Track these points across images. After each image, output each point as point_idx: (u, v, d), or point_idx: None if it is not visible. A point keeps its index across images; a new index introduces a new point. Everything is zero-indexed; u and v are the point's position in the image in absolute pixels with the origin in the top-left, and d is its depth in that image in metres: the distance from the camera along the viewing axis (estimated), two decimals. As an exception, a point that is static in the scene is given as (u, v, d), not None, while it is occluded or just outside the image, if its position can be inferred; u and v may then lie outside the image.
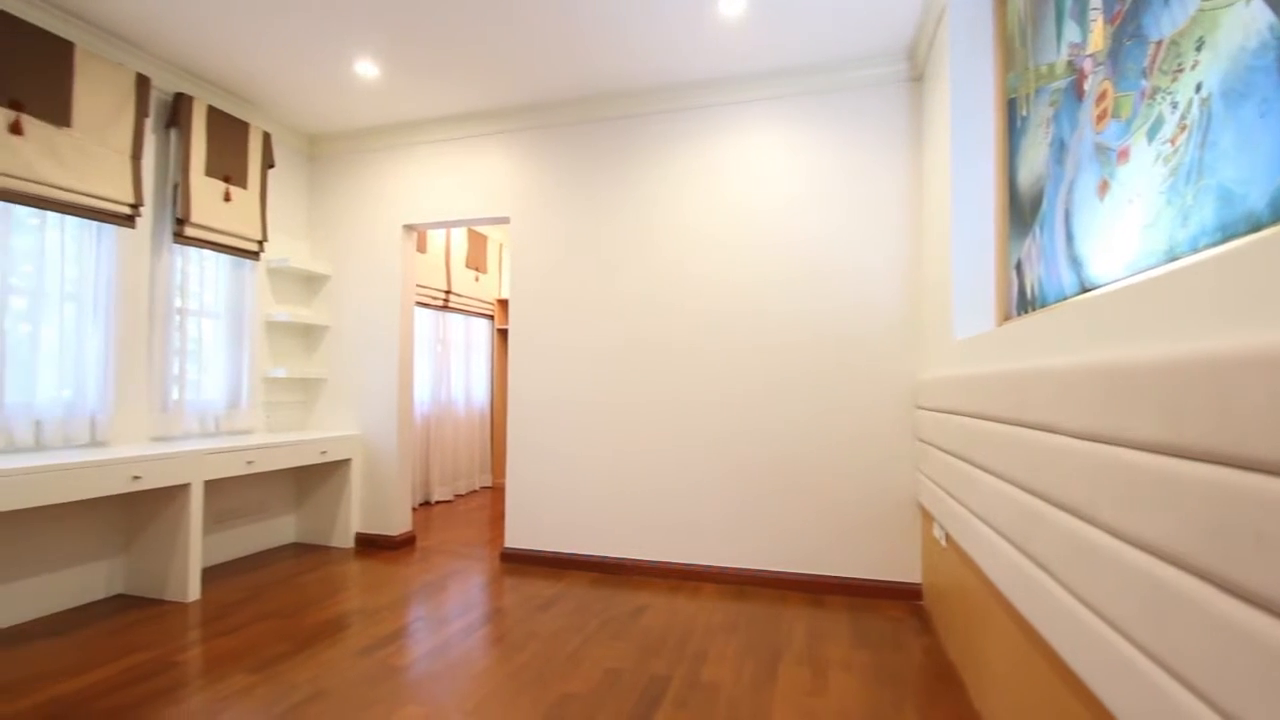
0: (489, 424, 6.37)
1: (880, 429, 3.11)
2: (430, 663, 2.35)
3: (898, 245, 3.13)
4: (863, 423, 3.14)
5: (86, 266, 2.97)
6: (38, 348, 2.80)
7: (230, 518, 3.68)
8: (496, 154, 3.83)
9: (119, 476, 2.66)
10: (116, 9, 2.78)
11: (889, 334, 3.12)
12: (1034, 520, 1.32)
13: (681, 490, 3.39)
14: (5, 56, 2.58)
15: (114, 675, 2.23)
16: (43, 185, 2.69)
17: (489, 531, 4.42)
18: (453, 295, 5.60)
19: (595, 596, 3.09)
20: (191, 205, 3.31)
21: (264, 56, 3.17)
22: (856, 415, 3.15)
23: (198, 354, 3.53)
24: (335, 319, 4.17)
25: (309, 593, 3.12)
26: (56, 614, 2.81)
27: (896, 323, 3.11)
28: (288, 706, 2.02)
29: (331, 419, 4.14)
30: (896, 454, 3.09)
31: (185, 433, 3.40)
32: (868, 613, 2.89)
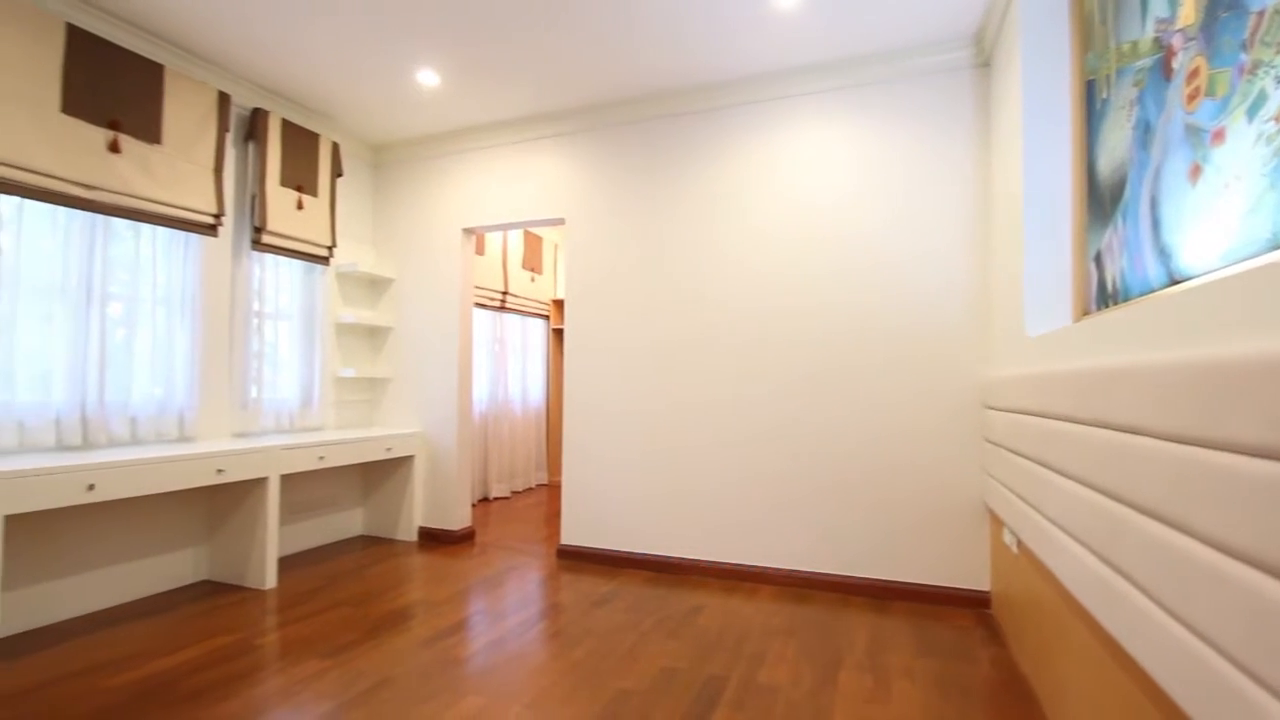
0: (544, 422, 6.47)
1: (945, 429, 3.00)
2: (490, 655, 2.40)
3: (962, 239, 3.00)
4: (926, 422, 3.03)
5: (175, 274, 3.18)
6: (133, 350, 3.01)
7: (303, 510, 3.87)
8: (552, 156, 3.89)
9: (205, 470, 2.83)
10: (201, 31, 2.96)
11: (954, 331, 3.00)
12: (1119, 528, 1.24)
13: (738, 490, 3.36)
14: (105, 80, 2.79)
15: (200, 656, 2.38)
16: (138, 199, 2.90)
17: (545, 528, 4.50)
18: (509, 296, 5.72)
19: (650, 595, 3.10)
20: (268, 214, 3.49)
21: (334, 71, 3.31)
22: (920, 414, 3.04)
23: (273, 355, 3.72)
24: (399, 320, 4.32)
25: (375, 584, 3.25)
26: (150, 597, 3.02)
27: (962, 319, 2.99)
28: (357, 693, 2.11)
29: (396, 417, 4.29)
30: (962, 455, 2.97)
31: (263, 429, 3.59)
32: (932, 620, 2.79)
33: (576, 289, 3.81)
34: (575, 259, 3.82)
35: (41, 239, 2.69)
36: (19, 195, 2.52)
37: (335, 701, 2.05)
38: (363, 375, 4.13)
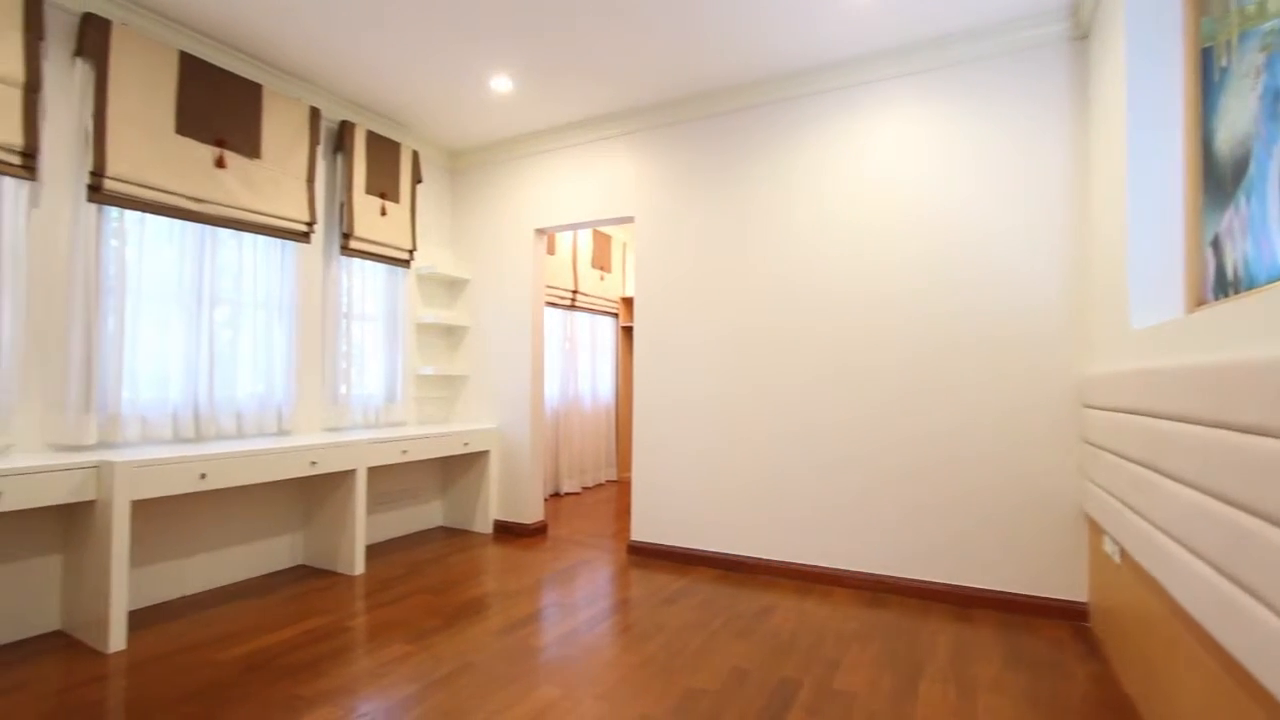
0: (614, 419, 6.54)
1: (1037, 429, 2.82)
2: (563, 646, 2.45)
3: (1057, 225, 2.81)
4: (1017, 421, 2.86)
5: (273, 278, 3.41)
6: (238, 350, 3.26)
7: (388, 501, 4.07)
8: (621, 155, 3.92)
9: (300, 461, 3.03)
10: (295, 51, 3.16)
11: (1048, 323, 2.81)
12: (1242, 539, 1.13)
13: (812, 489, 3.28)
14: (212, 102, 3.02)
15: (298, 635, 2.55)
16: (241, 210, 3.13)
17: (614, 524, 4.54)
18: (579, 295, 5.80)
19: (720, 593, 3.07)
20: (355, 221, 3.69)
21: (414, 83, 3.46)
22: (1009, 413, 2.87)
23: (360, 354, 3.93)
24: (474, 320, 4.47)
25: (455, 573, 3.38)
26: (253, 579, 3.26)
27: (1057, 311, 2.80)
28: (439, 676, 2.20)
29: (472, 413, 4.44)
30: (1057, 457, 2.78)
31: (351, 424, 3.80)
32: (1022, 631, 2.63)
33: (646, 286, 3.82)
34: (645, 256, 3.83)
35: (159, 250, 2.95)
36: (141, 210, 2.77)
37: (420, 684, 2.14)
38: (441, 373, 4.29)
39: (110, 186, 2.67)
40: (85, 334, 2.66)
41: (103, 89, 2.65)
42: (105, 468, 2.40)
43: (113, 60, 2.68)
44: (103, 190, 2.65)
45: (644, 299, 3.82)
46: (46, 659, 2.31)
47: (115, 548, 2.37)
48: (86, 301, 2.66)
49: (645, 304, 3.82)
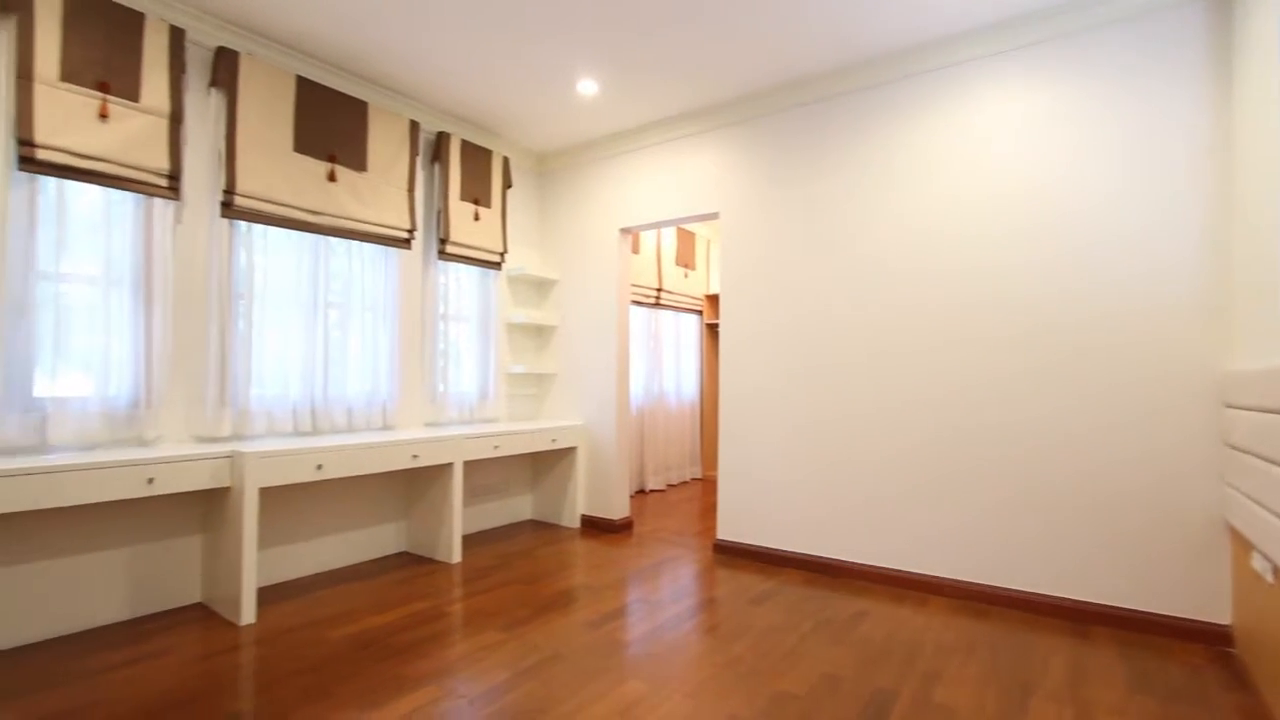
0: (698, 417, 6.52)
1: (1169, 429, 2.55)
2: (650, 642, 2.47)
3: (1193, 207, 2.53)
4: (1144, 421, 2.60)
5: (378, 283, 3.64)
6: (347, 350, 3.50)
7: (482, 494, 4.26)
8: (705, 151, 3.89)
9: (403, 455, 3.22)
10: (397, 69, 3.36)
11: (1181, 316, 2.54)
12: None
13: (908, 492, 3.13)
14: (324, 120, 3.26)
15: (403, 617, 2.71)
16: (351, 220, 3.37)
17: (699, 522, 4.53)
18: (664, 293, 5.82)
19: (809, 596, 2.99)
20: (450, 227, 3.88)
21: (505, 92, 3.59)
22: (1135, 412, 2.62)
23: (455, 353, 4.13)
24: (562, 319, 4.58)
25: (544, 565, 3.48)
26: (361, 563, 3.50)
27: (1192, 303, 2.53)
28: (530, 665, 2.27)
29: (560, 410, 4.56)
30: (1193, 460, 2.51)
31: (448, 420, 4.00)
32: (1150, 653, 2.40)
33: (732, 282, 3.78)
34: (730, 252, 3.79)
35: (280, 259, 3.22)
36: (265, 223, 3.04)
37: (512, 671, 2.22)
38: (531, 371, 4.44)
39: (240, 203, 2.94)
40: (220, 337, 2.95)
41: (233, 114, 2.93)
42: (237, 458, 2.66)
43: (241, 88, 2.95)
44: (233, 206, 2.93)
45: (730, 295, 3.79)
46: (190, 628, 2.58)
47: (246, 530, 2.61)
48: (220, 307, 2.95)
49: (731, 300, 3.78)
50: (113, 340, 2.65)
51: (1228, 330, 2.45)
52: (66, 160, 2.43)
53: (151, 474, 2.45)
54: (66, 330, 2.55)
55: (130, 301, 2.69)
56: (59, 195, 2.52)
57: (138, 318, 2.70)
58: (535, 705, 1.99)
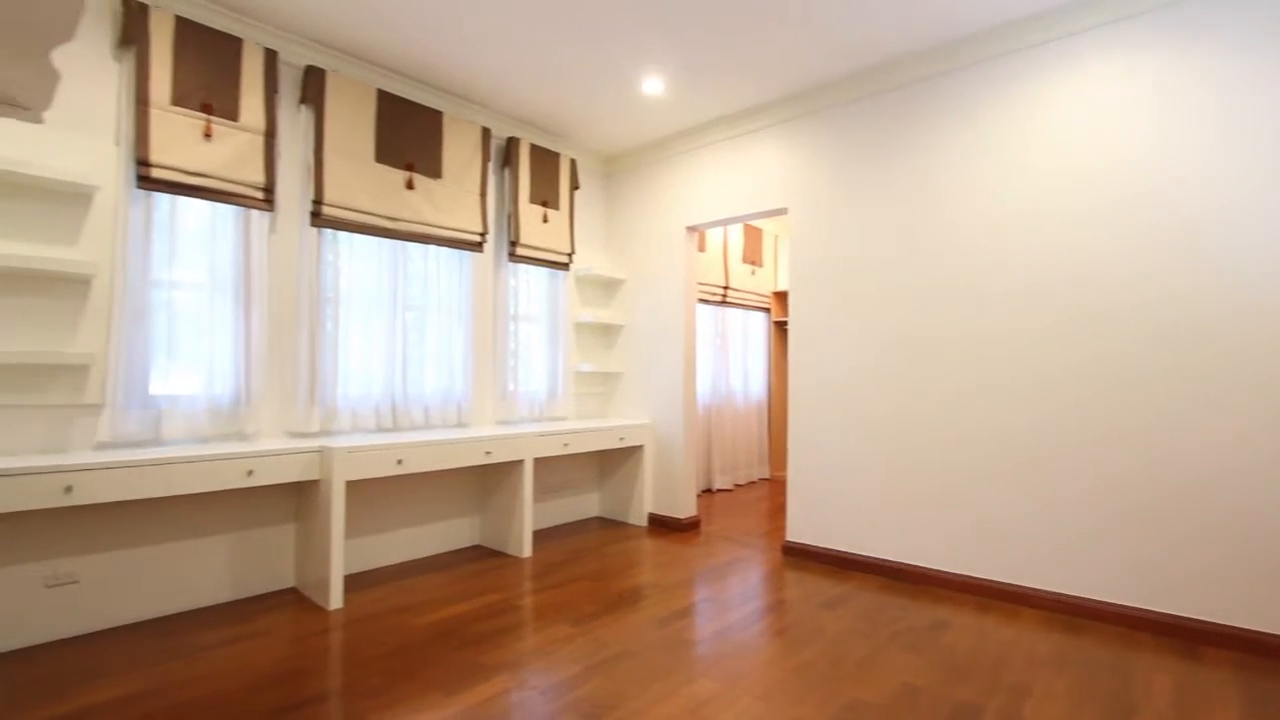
0: (766, 416, 6.42)
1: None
2: (719, 642, 2.45)
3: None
4: (1264, 423, 2.37)
5: (452, 285, 3.78)
6: (424, 350, 3.65)
7: (551, 491, 4.34)
8: (772, 146, 3.83)
9: (477, 451, 3.33)
10: (469, 78, 3.47)
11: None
12: None
13: (993, 497, 2.98)
14: (402, 131, 3.41)
15: (478, 608, 2.80)
16: (427, 225, 3.51)
17: (768, 523, 4.46)
18: (730, 290, 5.77)
19: (885, 603, 2.89)
20: (520, 229, 3.98)
21: (572, 95, 3.65)
22: (1255, 413, 2.39)
23: (525, 352, 4.23)
24: (629, 318, 4.62)
25: (612, 562, 3.52)
26: (437, 554, 3.64)
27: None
28: (600, 660, 2.30)
29: (627, 408, 4.60)
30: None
31: (518, 418, 4.11)
32: (1273, 679, 2.18)
33: (801, 279, 3.70)
34: (799, 248, 3.71)
35: (362, 264, 3.39)
36: (349, 231, 3.21)
37: (583, 665, 2.26)
38: (598, 370, 4.49)
39: (327, 212, 3.12)
40: (310, 338, 3.13)
41: (320, 129, 3.11)
42: (326, 452, 2.82)
43: (328, 103, 3.13)
44: (321, 215, 3.11)
45: (799, 292, 3.70)
46: (284, 611, 2.76)
47: (334, 520, 2.76)
48: (310, 311, 3.14)
49: (800, 297, 3.70)
50: (216, 342, 2.87)
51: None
52: (176, 177, 2.65)
53: (251, 466, 2.64)
54: (177, 333, 2.78)
55: (231, 306, 2.90)
56: (170, 210, 2.74)
57: (238, 321, 2.91)
58: (606, 700, 2.01)
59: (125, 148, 2.61)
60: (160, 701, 1.99)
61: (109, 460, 2.30)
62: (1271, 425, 2.35)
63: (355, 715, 1.92)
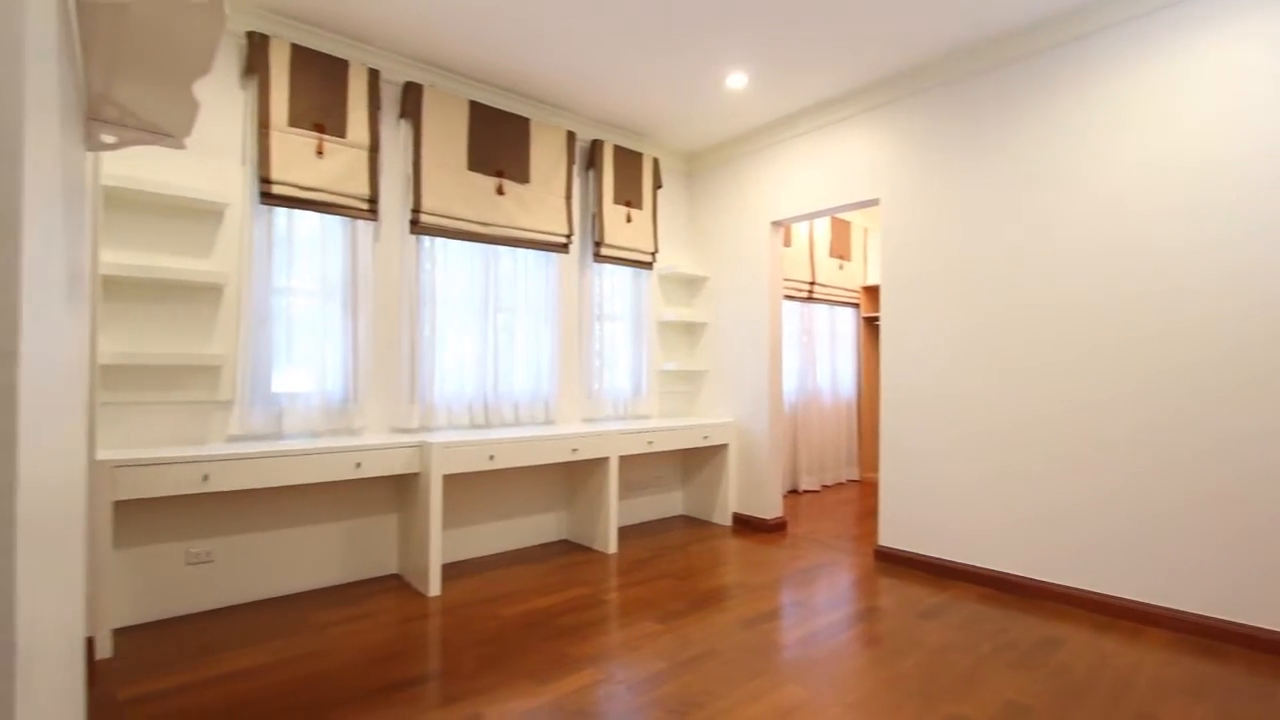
0: (855, 415, 6.19)
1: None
2: (808, 647, 2.39)
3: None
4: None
5: (539, 286, 3.89)
6: (514, 350, 3.78)
7: (635, 488, 4.39)
8: (862, 135, 3.68)
9: (564, 448, 3.41)
10: (555, 85, 3.56)
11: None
12: None
13: (1115, 505, 2.73)
14: (492, 139, 3.55)
15: (565, 601, 2.87)
16: (516, 229, 3.63)
17: (857, 527, 4.30)
18: (817, 286, 5.61)
19: (988, 615, 2.72)
20: (605, 230, 4.04)
21: (656, 96, 3.66)
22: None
23: (610, 351, 4.29)
24: (713, 316, 4.58)
25: (697, 561, 3.51)
26: (526, 548, 3.76)
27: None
28: (686, 658, 2.30)
29: (711, 407, 4.57)
30: None
31: (603, 416, 4.17)
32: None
33: (894, 273, 3.54)
34: (892, 241, 3.55)
35: (456, 267, 3.55)
36: (444, 237, 3.38)
37: (669, 662, 2.27)
38: (682, 368, 4.49)
39: (424, 220, 3.29)
40: (410, 339, 3.32)
41: (418, 141, 3.28)
42: (425, 447, 2.98)
43: (424, 116, 3.30)
44: (419, 223, 3.28)
45: (891, 286, 3.55)
46: (388, 595, 2.94)
47: (433, 512, 2.92)
48: (410, 314, 3.32)
49: (893, 292, 3.54)
50: (328, 344, 3.10)
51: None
52: (293, 192, 2.88)
53: (359, 459, 2.83)
54: (294, 336, 3.02)
55: (340, 311, 3.12)
56: (287, 223, 2.99)
57: (346, 324, 3.13)
58: (692, 698, 2.01)
59: (250, 167, 2.86)
60: (285, 673, 2.18)
61: (239, 452, 2.53)
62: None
63: (454, 698, 2.02)
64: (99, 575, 2.24)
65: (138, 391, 2.62)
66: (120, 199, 2.56)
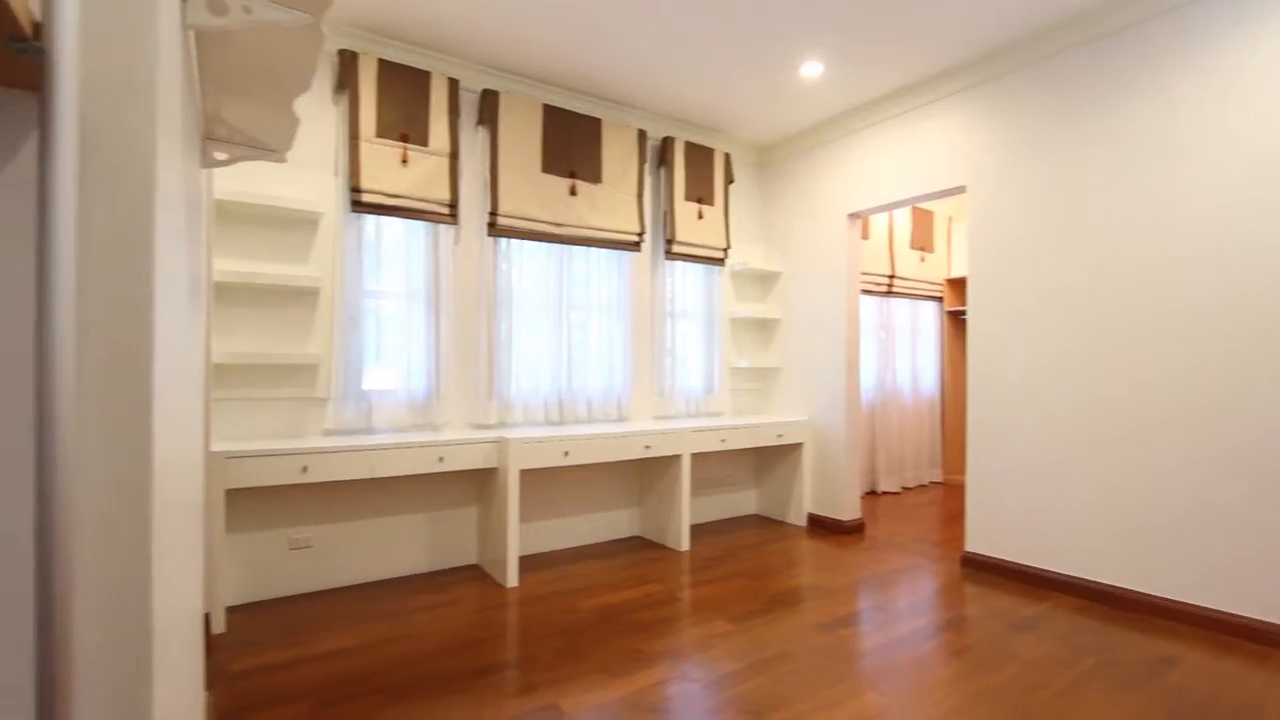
0: (938, 414, 5.92)
1: None
2: (888, 655, 2.30)
3: None
4: None
5: (611, 285, 3.93)
6: (587, 348, 3.84)
7: (708, 486, 4.36)
8: (946, 118, 3.50)
9: (637, 445, 3.44)
10: (626, 84, 3.58)
11: None
12: None
13: (1237, 515, 2.48)
14: (565, 141, 3.61)
15: (639, 597, 2.89)
16: (589, 229, 3.68)
17: (941, 531, 4.11)
18: (896, 279, 5.39)
19: (1088, 628, 2.53)
20: (676, 227, 4.04)
21: (726, 89, 3.62)
22: None
23: (682, 348, 4.28)
24: (786, 312, 4.49)
25: (770, 561, 3.45)
26: (599, 543, 3.81)
27: None
28: (760, 660, 2.27)
29: (785, 405, 4.48)
30: None
31: (676, 413, 4.17)
32: None
33: (983, 264, 3.35)
34: (980, 230, 3.36)
35: (530, 268, 3.64)
36: (520, 238, 3.47)
37: (742, 662, 2.24)
38: (755, 365, 4.43)
39: (501, 222, 3.39)
40: (487, 338, 3.44)
41: (494, 146, 3.39)
42: (502, 443, 3.08)
43: (501, 122, 3.40)
44: (496, 226, 3.39)
45: (979, 280, 3.36)
46: (468, 584, 3.06)
47: (510, 505, 3.01)
48: (488, 313, 3.44)
49: (982, 284, 3.35)
50: (412, 343, 3.25)
51: None
52: (381, 200, 3.03)
53: (441, 454, 2.95)
54: (382, 336, 3.19)
55: (423, 311, 3.26)
56: (375, 229, 3.15)
57: (429, 324, 3.27)
58: (767, 701, 1.98)
59: (342, 178, 3.04)
60: (375, 655, 2.30)
61: (335, 445, 2.70)
62: None
63: (531, 687, 2.08)
64: (214, 557, 2.44)
65: (245, 388, 2.84)
66: (228, 211, 2.78)
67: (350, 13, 2.90)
